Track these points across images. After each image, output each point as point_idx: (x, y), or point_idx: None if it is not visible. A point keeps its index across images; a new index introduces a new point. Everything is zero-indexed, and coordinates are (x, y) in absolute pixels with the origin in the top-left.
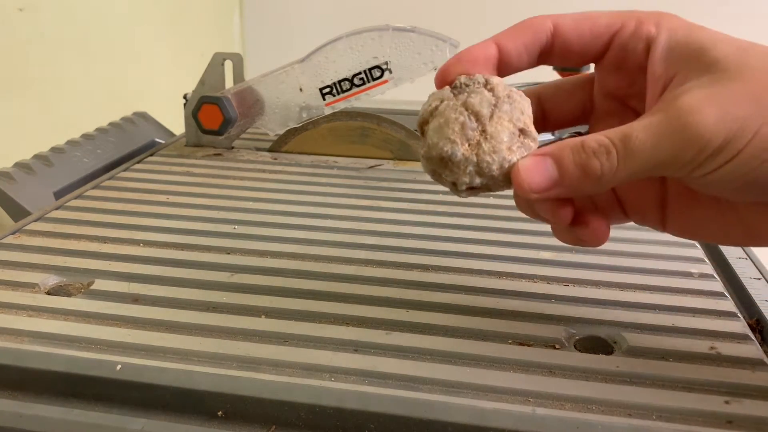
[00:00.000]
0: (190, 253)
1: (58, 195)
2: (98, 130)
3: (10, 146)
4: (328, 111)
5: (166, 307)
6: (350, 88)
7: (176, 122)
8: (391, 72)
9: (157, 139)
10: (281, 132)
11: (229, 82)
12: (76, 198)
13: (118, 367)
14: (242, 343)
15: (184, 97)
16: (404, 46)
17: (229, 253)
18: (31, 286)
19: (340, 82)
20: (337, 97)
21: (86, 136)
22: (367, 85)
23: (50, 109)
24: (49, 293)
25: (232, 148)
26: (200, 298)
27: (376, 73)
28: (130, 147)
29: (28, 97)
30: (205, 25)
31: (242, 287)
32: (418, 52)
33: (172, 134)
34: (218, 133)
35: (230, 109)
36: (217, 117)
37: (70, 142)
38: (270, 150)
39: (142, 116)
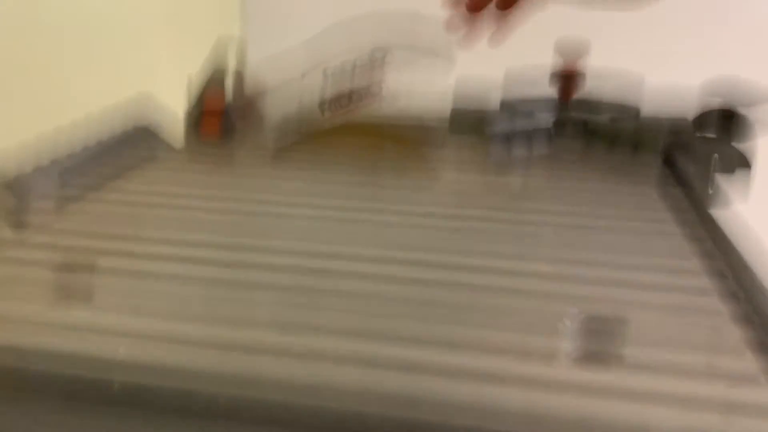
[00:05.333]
0: (189, 259)
1: (57, 204)
2: (98, 142)
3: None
4: (326, 124)
5: (166, 315)
6: (348, 104)
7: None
8: (388, 88)
9: (157, 148)
10: (281, 145)
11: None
12: (75, 205)
13: (119, 371)
14: (242, 355)
15: (186, 97)
16: (402, 64)
17: (229, 266)
18: (29, 297)
19: (338, 98)
20: (336, 112)
21: (86, 148)
22: (365, 100)
23: (50, 97)
24: (47, 303)
25: (233, 155)
26: (201, 303)
27: (375, 89)
28: (129, 157)
29: (27, 87)
30: (208, 8)
31: (243, 290)
32: (415, 69)
33: (172, 147)
34: (218, 143)
35: (230, 120)
36: (217, 128)
37: (70, 153)
38: (270, 158)
39: (143, 129)
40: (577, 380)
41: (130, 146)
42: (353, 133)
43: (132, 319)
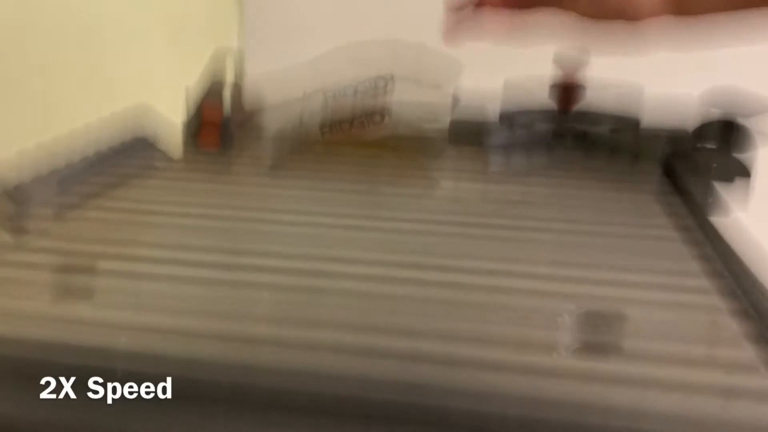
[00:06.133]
0: (187, 262)
1: (56, 211)
2: (97, 152)
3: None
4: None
5: (165, 311)
6: (349, 129)
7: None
8: (390, 117)
9: (155, 158)
10: (279, 156)
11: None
12: (74, 213)
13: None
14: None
15: (184, 108)
16: (405, 94)
17: (227, 268)
18: (30, 296)
19: (339, 122)
20: (336, 136)
21: (85, 158)
22: (366, 128)
23: (49, 108)
24: (48, 303)
25: (231, 166)
26: (199, 301)
27: (377, 118)
28: (127, 166)
29: (26, 98)
30: (206, 20)
31: (242, 290)
32: (419, 101)
33: (170, 158)
34: (216, 154)
35: (228, 131)
36: (216, 139)
37: (69, 162)
38: (269, 168)
39: (141, 139)
40: (577, 368)
41: (129, 156)
42: (352, 143)
43: (132, 314)
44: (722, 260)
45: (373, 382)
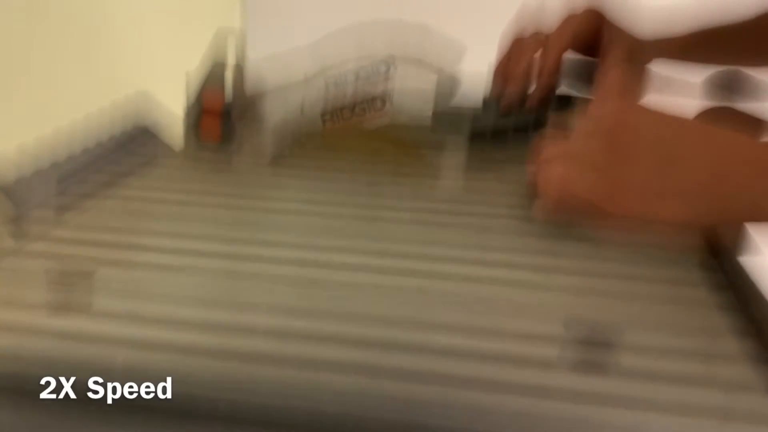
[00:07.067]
0: (190, 267)
1: (57, 211)
2: (98, 145)
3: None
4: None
5: (165, 323)
6: (350, 117)
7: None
8: (392, 104)
9: (157, 152)
10: (280, 148)
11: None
12: (74, 212)
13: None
14: (240, 364)
15: (185, 94)
16: (408, 77)
17: (228, 275)
18: (29, 305)
19: (340, 109)
20: (337, 124)
21: (85, 151)
22: (367, 115)
23: (46, 94)
24: (47, 311)
25: (233, 159)
26: (201, 314)
27: (378, 104)
28: (129, 160)
29: (23, 84)
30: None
31: (243, 304)
32: (421, 84)
33: (172, 150)
34: (217, 146)
35: (230, 122)
36: (217, 129)
37: (69, 156)
38: (270, 161)
39: (143, 130)
40: (572, 386)
41: (129, 149)
42: (351, 136)
43: (132, 326)
44: (722, 269)
45: (371, 399)
